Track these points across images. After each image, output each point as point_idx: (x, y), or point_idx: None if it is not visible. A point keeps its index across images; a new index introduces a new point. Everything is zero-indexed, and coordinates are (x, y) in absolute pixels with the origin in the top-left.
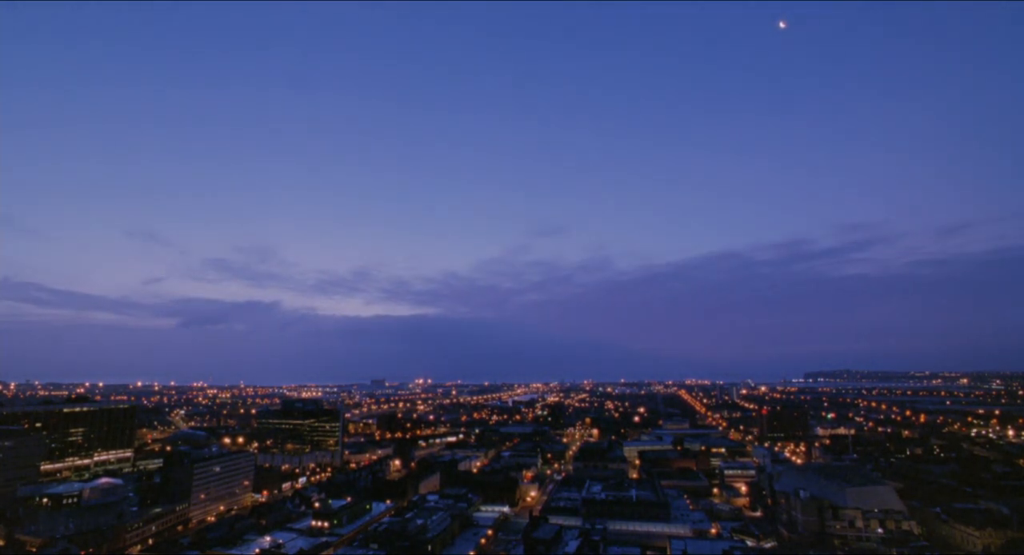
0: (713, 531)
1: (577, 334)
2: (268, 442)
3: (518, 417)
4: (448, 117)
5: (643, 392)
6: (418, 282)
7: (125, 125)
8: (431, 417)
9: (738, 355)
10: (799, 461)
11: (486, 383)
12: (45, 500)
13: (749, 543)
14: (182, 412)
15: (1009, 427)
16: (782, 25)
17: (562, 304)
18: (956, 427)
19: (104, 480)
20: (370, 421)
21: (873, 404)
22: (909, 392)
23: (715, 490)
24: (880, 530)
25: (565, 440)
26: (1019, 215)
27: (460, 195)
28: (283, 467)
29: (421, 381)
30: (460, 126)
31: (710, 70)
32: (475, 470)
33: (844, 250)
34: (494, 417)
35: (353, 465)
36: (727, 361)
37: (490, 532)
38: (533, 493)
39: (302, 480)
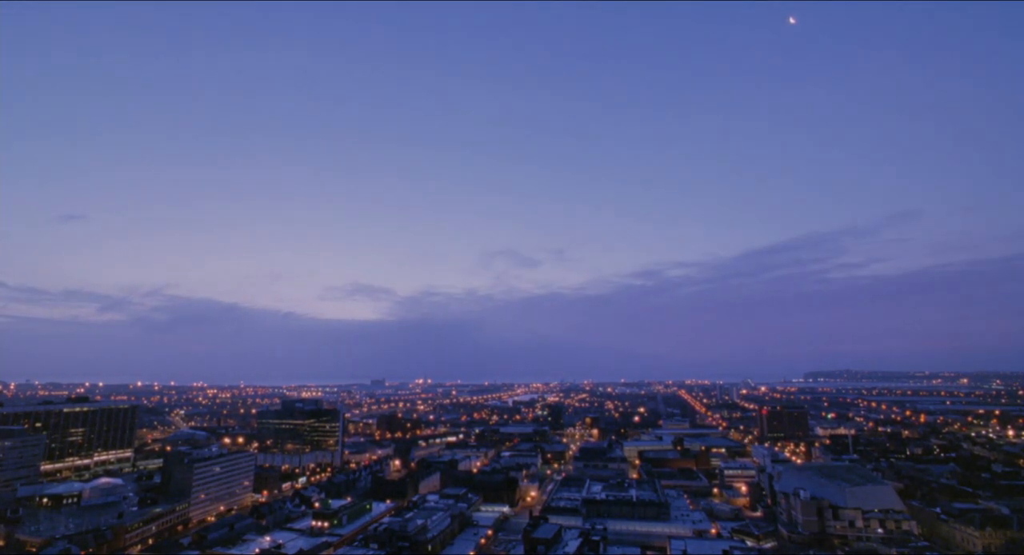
0: (713, 531)
1: (578, 335)
2: (268, 442)
3: (518, 417)
4: (443, 131)
5: (643, 392)
6: (419, 286)
7: (136, 131)
8: (431, 417)
9: (738, 355)
10: (799, 461)
11: (486, 383)
12: (45, 500)
13: (749, 543)
14: (182, 412)
15: (1009, 427)
16: (792, 21)
17: (563, 305)
18: (956, 427)
19: (104, 480)
20: (370, 421)
21: (873, 404)
22: (909, 392)
23: (715, 490)
24: (880, 530)
25: (565, 440)
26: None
27: (459, 202)
28: (283, 467)
29: (421, 381)
30: (455, 145)
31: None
32: (475, 470)
33: (845, 252)
34: (494, 417)
35: (353, 465)
36: (727, 361)
37: (490, 532)
38: (533, 493)
39: (302, 480)
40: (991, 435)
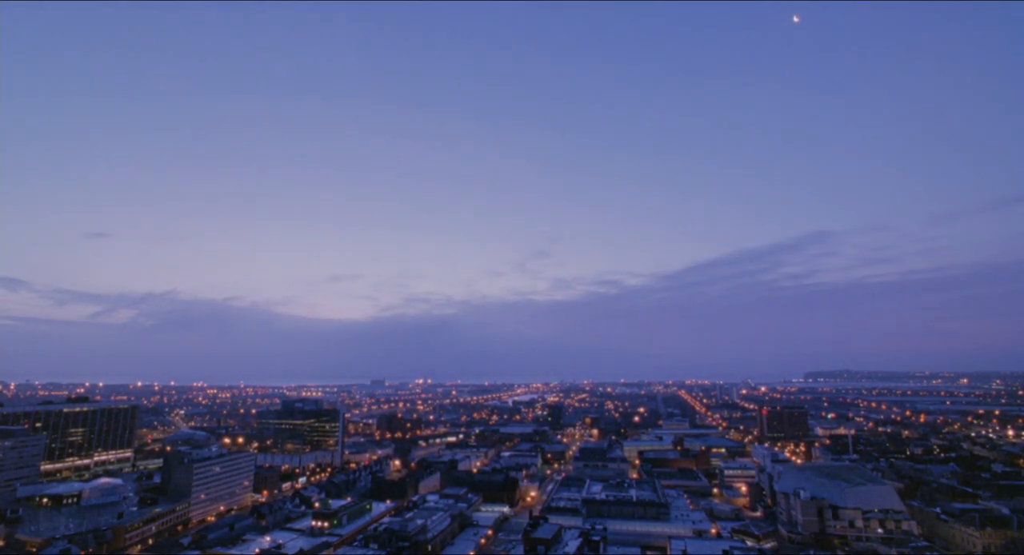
0: (713, 531)
1: (578, 335)
2: (268, 442)
3: (518, 417)
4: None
5: (643, 392)
6: (419, 287)
7: (139, 134)
8: (431, 417)
9: (738, 355)
10: (799, 461)
11: (486, 383)
12: (45, 500)
13: (749, 543)
14: (182, 412)
15: (1009, 427)
16: (796, 19)
17: (539, 310)
18: (956, 427)
19: (104, 480)
20: (370, 421)
21: (873, 404)
22: (909, 392)
23: (715, 490)
24: (880, 530)
25: (565, 440)
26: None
27: (460, 205)
28: (283, 467)
29: (421, 381)
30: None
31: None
32: (475, 470)
33: (784, 264)
34: (494, 417)
35: (353, 465)
36: (727, 361)
37: (490, 532)
38: (533, 493)
39: (302, 480)
40: (991, 435)
